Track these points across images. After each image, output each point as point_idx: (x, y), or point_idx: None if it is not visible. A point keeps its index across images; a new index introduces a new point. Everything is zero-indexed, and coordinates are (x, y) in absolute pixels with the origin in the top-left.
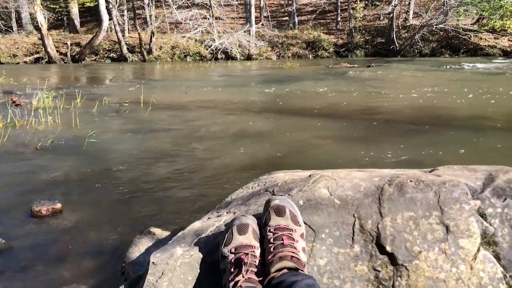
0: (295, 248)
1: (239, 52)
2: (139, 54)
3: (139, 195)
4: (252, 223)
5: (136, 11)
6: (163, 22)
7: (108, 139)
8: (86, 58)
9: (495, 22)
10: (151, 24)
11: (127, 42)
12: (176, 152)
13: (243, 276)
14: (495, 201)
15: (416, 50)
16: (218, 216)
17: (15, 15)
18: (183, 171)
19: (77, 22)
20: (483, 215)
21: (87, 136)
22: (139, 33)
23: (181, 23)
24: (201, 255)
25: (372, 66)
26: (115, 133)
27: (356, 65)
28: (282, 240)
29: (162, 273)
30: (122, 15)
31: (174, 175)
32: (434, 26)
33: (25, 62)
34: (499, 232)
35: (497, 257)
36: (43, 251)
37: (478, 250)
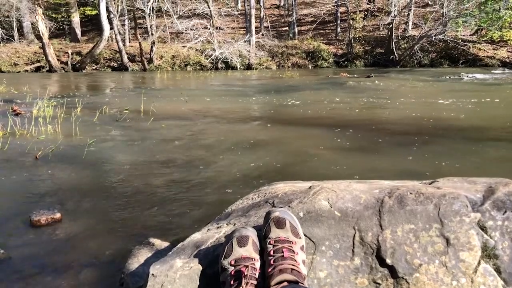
0: (295, 260)
1: (239, 62)
2: (140, 63)
3: (138, 205)
4: (252, 235)
5: (137, 21)
6: (164, 31)
7: (108, 148)
8: (86, 67)
9: (493, 33)
10: (152, 33)
11: (128, 51)
12: (175, 162)
13: None
14: (495, 214)
15: (416, 61)
16: (218, 228)
17: (17, 24)
18: (182, 182)
19: (78, 31)
20: (483, 228)
21: (87, 145)
22: (139, 43)
23: (182, 32)
24: (200, 267)
25: (372, 76)
26: (115, 142)
27: (355, 75)
28: (282, 252)
29: (162, 285)
30: (123, 25)
31: (173, 185)
32: (433, 37)
33: (26, 70)
34: (500, 245)
35: (498, 270)
36: (42, 261)
37: (479, 263)
